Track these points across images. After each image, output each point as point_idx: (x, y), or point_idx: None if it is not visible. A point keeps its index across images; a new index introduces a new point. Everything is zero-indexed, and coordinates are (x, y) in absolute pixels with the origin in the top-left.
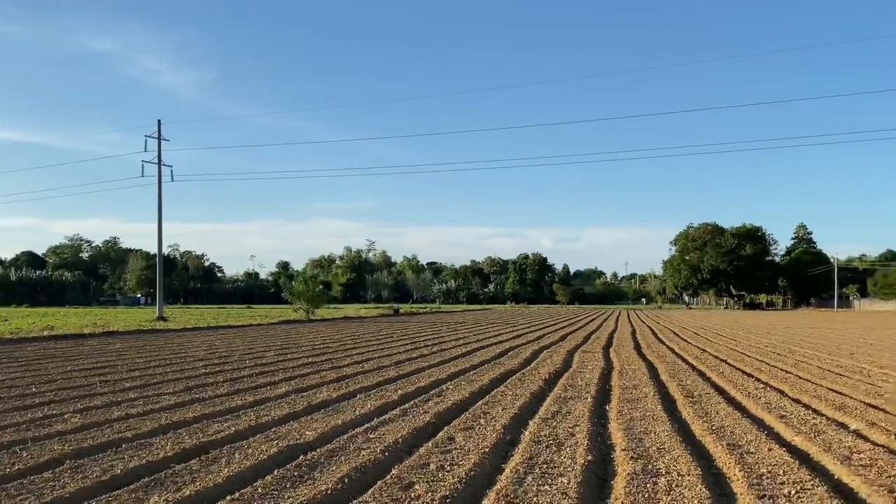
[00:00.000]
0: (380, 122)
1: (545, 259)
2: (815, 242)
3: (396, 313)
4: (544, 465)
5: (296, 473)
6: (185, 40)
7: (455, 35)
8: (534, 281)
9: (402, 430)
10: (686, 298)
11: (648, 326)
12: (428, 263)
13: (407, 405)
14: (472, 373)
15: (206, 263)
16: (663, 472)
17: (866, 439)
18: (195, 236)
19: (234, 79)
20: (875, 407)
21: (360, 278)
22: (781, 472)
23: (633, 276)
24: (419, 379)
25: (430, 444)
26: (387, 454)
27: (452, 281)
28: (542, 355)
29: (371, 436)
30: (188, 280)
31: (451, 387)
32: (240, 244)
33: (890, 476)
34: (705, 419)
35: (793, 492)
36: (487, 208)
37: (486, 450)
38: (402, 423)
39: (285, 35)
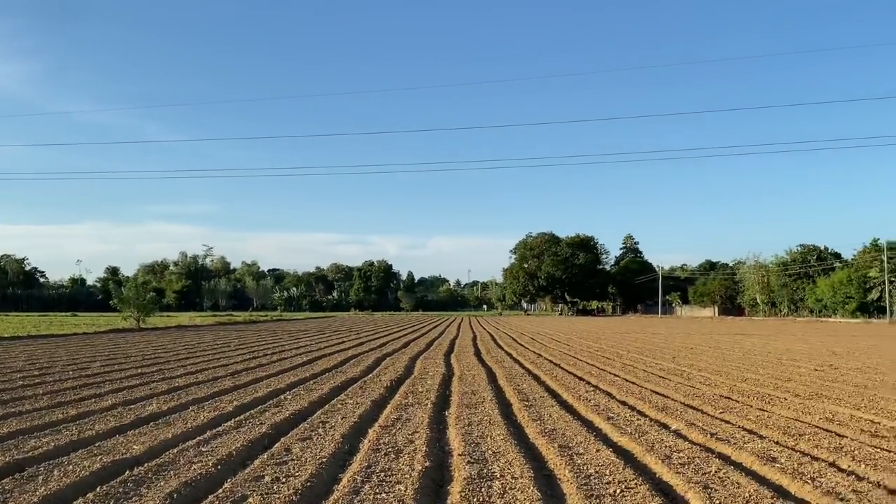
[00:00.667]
0: (221, 124)
1: (390, 266)
2: (641, 252)
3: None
4: (382, 474)
5: (121, 490)
6: (14, 30)
7: (301, 39)
8: (379, 288)
9: (237, 442)
10: (524, 305)
11: (489, 333)
12: (269, 270)
13: (242, 416)
14: (312, 382)
15: (27, 268)
16: (498, 476)
17: (685, 438)
18: (15, 239)
19: (67, 72)
20: (693, 408)
21: (197, 285)
22: (608, 472)
23: (475, 283)
24: (256, 389)
25: (265, 456)
26: (219, 468)
27: (295, 288)
28: (384, 363)
29: (203, 449)
30: (6, 286)
31: (290, 397)
32: (65, 248)
33: (706, 473)
34: (539, 422)
35: (618, 491)
36: (333, 215)
37: (324, 460)
38: (236, 434)
39: (122, 30)
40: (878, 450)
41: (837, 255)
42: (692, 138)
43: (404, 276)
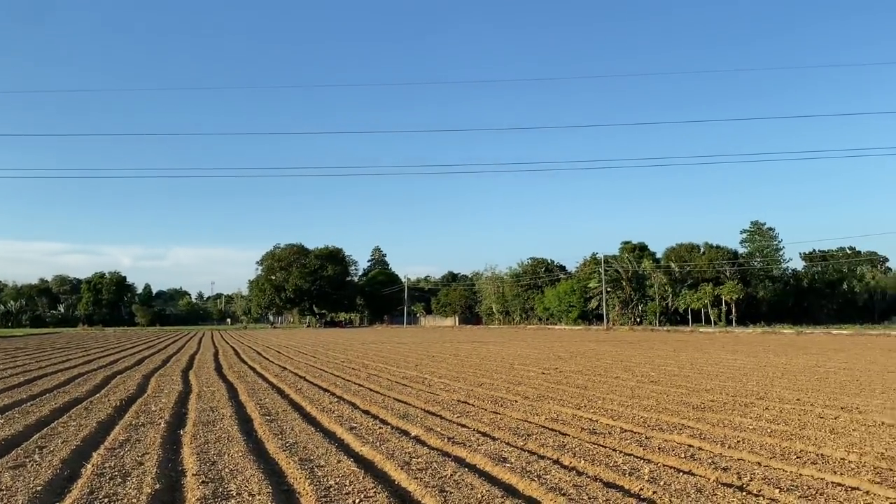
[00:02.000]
0: None
1: (124, 278)
2: (389, 264)
3: None
4: (106, 500)
5: None
6: None
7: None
8: (111, 302)
9: None
10: (271, 318)
11: (232, 347)
12: None
13: None
14: (30, 404)
15: None
16: (234, 494)
17: (424, 444)
18: None
19: None
20: (433, 413)
21: None
22: (348, 482)
23: (219, 296)
24: None
25: None
26: None
27: (13, 302)
28: (114, 381)
29: None
30: None
31: (2, 421)
32: None
33: (442, 477)
34: (280, 436)
35: (357, 501)
36: (58, 222)
37: (39, 488)
38: None
39: None
40: (596, 446)
41: (562, 268)
42: (432, 154)
43: (140, 289)
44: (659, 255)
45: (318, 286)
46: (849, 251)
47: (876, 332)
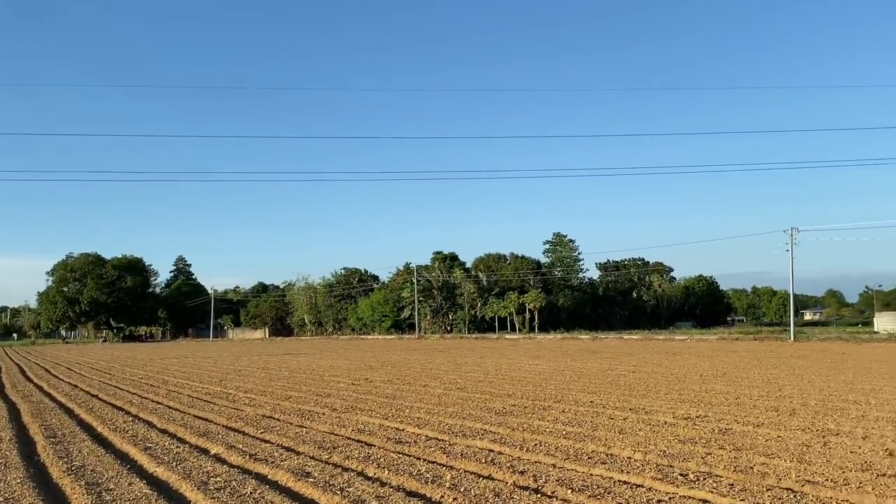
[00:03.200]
0: None
1: None
2: (194, 275)
3: None
4: None
5: None
6: None
7: None
8: None
9: None
10: (63, 333)
11: (17, 364)
12: None
13: None
14: None
15: None
16: None
17: (224, 462)
18: None
19: None
20: (236, 430)
21: None
22: None
23: (3, 309)
24: None
25: None
26: None
27: None
28: None
29: None
30: None
31: None
32: None
33: (241, 495)
34: (67, 460)
35: None
36: None
37: None
38: None
39: None
40: (401, 455)
41: (376, 278)
42: (239, 161)
43: None
44: (469, 265)
45: (116, 298)
46: (639, 262)
47: (662, 337)
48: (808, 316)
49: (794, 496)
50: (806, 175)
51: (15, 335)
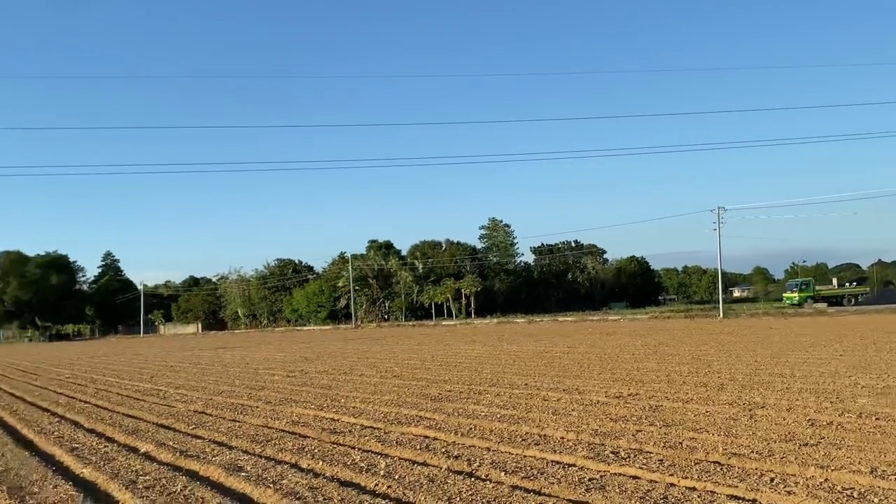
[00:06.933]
0: None
1: None
2: (123, 270)
3: None
4: None
5: None
6: None
7: None
8: None
9: None
10: None
11: None
12: None
13: None
14: None
15: None
16: None
17: (154, 460)
18: None
19: None
20: (166, 427)
21: None
22: None
23: None
24: None
25: None
26: None
27: None
28: None
29: None
30: None
31: None
32: None
33: (171, 493)
34: None
35: None
36: None
37: None
38: None
39: None
40: (336, 445)
41: (310, 268)
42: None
43: None
44: (405, 253)
45: (41, 297)
46: (573, 244)
47: (596, 318)
48: (736, 293)
49: (721, 468)
50: (733, 155)
51: None
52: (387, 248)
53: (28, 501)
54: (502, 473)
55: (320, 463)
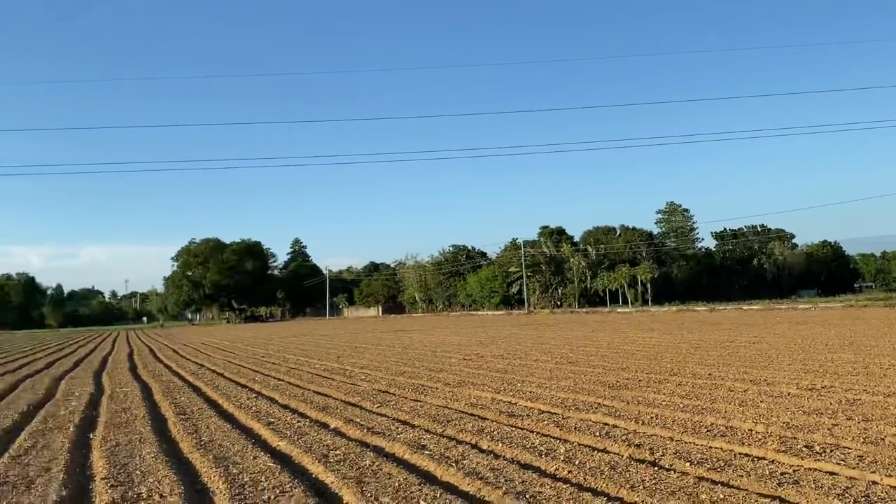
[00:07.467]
0: None
1: (33, 279)
2: (310, 256)
3: None
4: None
5: None
6: None
7: None
8: (20, 304)
9: None
10: (189, 315)
11: (147, 346)
12: None
13: None
14: None
15: None
16: (144, 497)
17: (343, 436)
18: None
19: None
20: (353, 404)
21: None
22: (264, 478)
23: (134, 294)
24: None
25: None
26: None
27: None
28: (21, 386)
29: None
30: None
31: None
32: None
33: (360, 468)
34: (195, 435)
35: (272, 496)
36: None
37: None
38: None
39: None
40: (514, 428)
41: (483, 254)
42: (349, 145)
43: (53, 290)
44: (577, 239)
45: (237, 281)
46: (759, 229)
47: (784, 307)
48: None
49: None
50: None
51: (145, 318)
52: (559, 234)
53: (231, 471)
54: (687, 464)
55: (500, 444)
